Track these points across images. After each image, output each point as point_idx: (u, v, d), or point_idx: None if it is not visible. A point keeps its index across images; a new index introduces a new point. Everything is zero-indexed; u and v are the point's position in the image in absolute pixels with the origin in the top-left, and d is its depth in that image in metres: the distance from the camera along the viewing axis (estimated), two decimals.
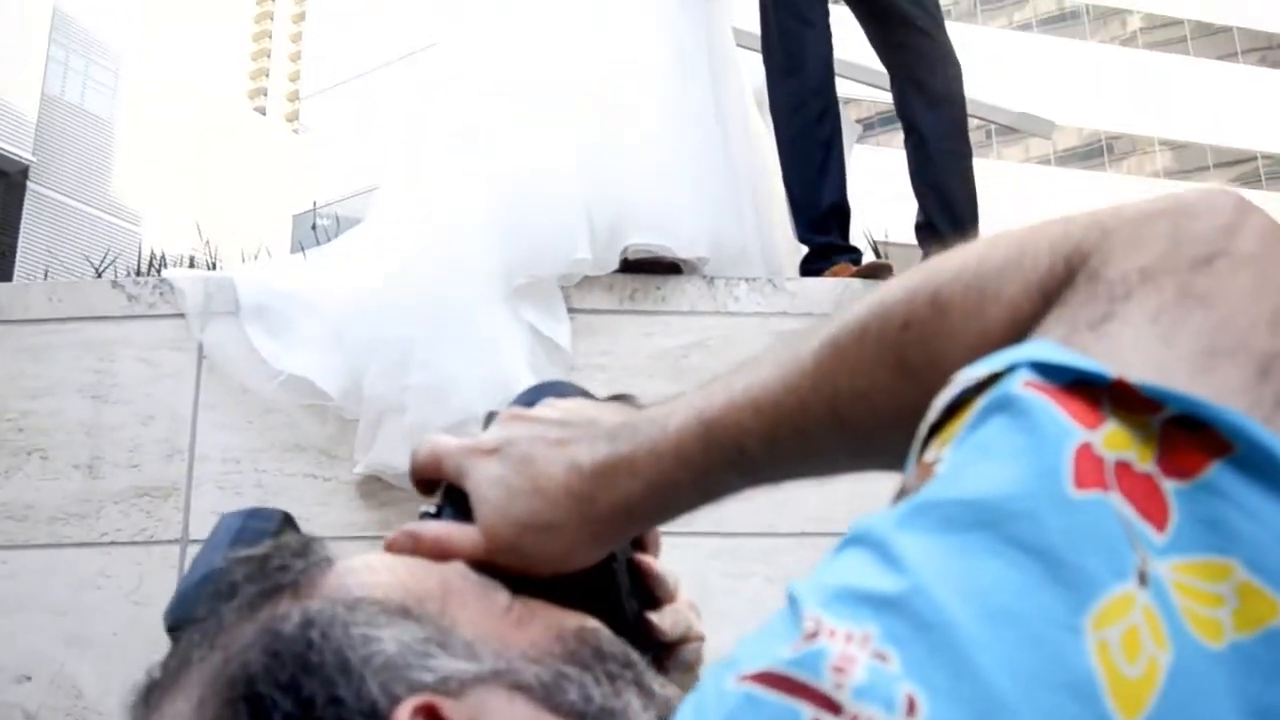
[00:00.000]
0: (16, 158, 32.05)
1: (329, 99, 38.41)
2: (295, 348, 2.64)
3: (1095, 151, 31.73)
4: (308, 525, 2.19)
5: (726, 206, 3.06)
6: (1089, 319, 0.48)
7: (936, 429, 0.46)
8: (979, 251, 0.57)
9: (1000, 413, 0.43)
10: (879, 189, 3.35)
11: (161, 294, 2.76)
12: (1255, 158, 32.51)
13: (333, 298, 2.72)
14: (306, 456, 2.64)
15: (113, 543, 2.58)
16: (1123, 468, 0.41)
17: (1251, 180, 32.25)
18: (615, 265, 2.82)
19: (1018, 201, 28.11)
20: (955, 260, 0.57)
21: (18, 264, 31.02)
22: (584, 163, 2.85)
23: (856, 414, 0.60)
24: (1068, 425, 0.42)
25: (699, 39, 3.25)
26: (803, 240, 3.39)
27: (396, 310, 2.66)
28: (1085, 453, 0.41)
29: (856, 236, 5.58)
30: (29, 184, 32.71)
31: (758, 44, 3.65)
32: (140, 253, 4.92)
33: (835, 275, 3.10)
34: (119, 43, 37.92)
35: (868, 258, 3.60)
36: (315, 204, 36.36)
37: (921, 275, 0.58)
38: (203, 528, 2.59)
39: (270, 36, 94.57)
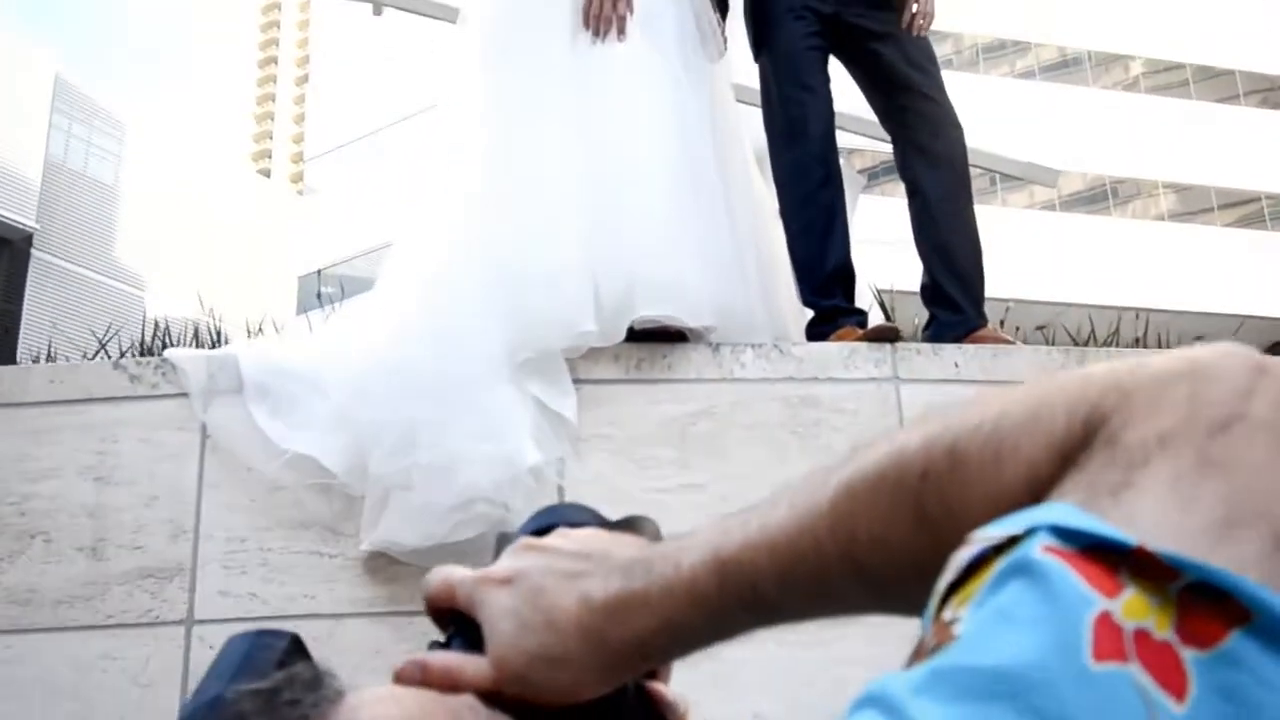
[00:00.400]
0: (20, 225, 32.26)
1: (333, 161, 38.63)
2: (299, 426, 2.62)
3: (1100, 196, 31.77)
4: (313, 603, 2.18)
5: (732, 273, 3.04)
6: (1109, 484, 0.48)
7: (955, 586, 0.46)
8: (999, 406, 0.56)
9: (1019, 577, 0.43)
10: (883, 236, 3.38)
11: (164, 374, 2.74)
12: (1260, 199, 32.53)
13: (337, 376, 2.70)
14: (312, 534, 2.62)
15: (118, 625, 2.55)
16: (1141, 636, 0.41)
17: (1256, 221, 32.32)
18: (621, 337, 2.80)
19: (1022, 247, 28.31)
20: (975, 412, 0.57)
21: (22, 330, 31.18)
22: (588, 232, 2.84)
23: (872, 560, 0.59)
24: (1086, 593, 0.42)
25: (702, 102, 3.25)
26: (808, 304, 3.39)
27: (400, 389, 2.63)
28: (1104, 622, 0.41)
29: (862, 288, 5.58)
30: (33, 251, 32.90)
31: (757, 99, 3.66)
32: (144, 322, 4.90)
33: (841, 339, 3.10)
34: (122, 109, 38.21)
35: (874, 313, 3.61)
36: (320, 271, 36.55)
37: (940, 424, 0.57)
38: (209, 608, 2.57)
39: (274, 99, 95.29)
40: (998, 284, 3.55)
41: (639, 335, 2.85)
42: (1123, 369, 0.53)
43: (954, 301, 3.37)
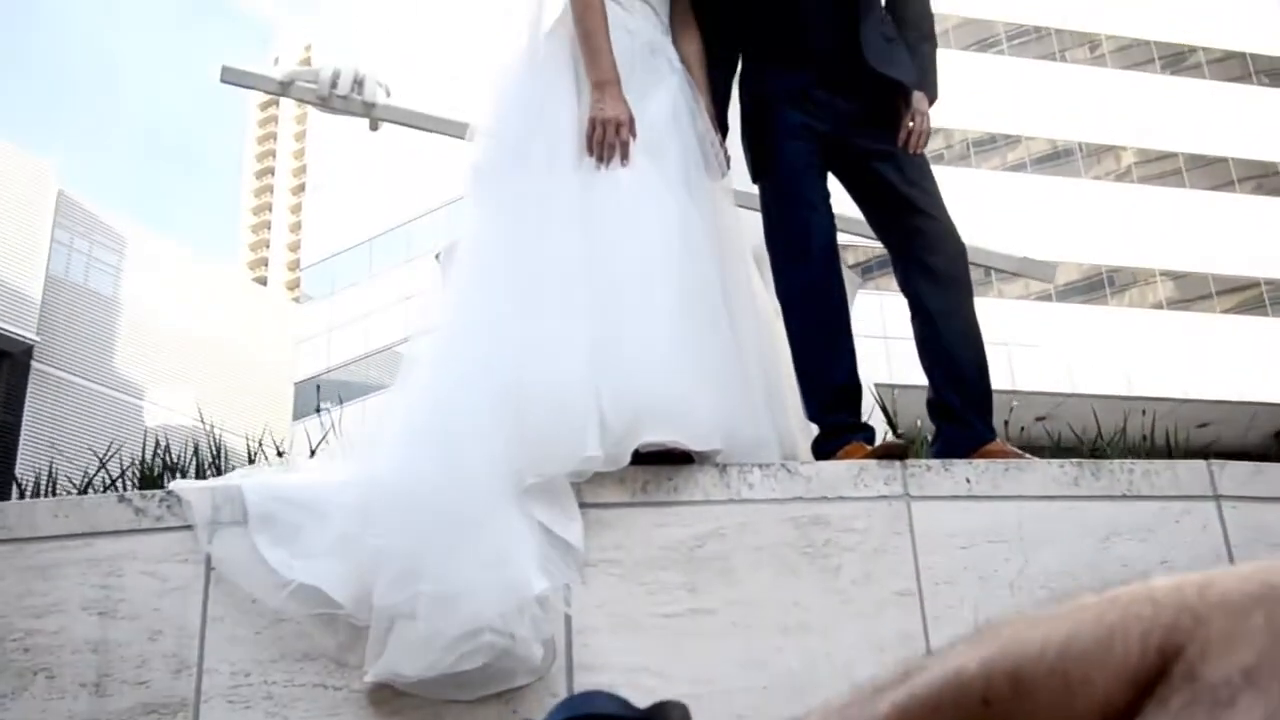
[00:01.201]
0: (21, 338, 32.51)
1: (329, 268, 38.88)
2: (304, 555, 2.60)
3: (1096, 285, 31.94)
4: None
5: (738, 395, 3.03)
6: None
7: None
8: (1064, 629, 0.55)
9: None
10: (882, 331, 3.37)
11: (169, 506, 2.72)
12: (1259, 284, 32.69)
13: (341, 502, 2.68)
14: (317, 666, 2.58)
15: None
16: None
17: (1255, 306, 32.46)
18: (626, 461, 2.78)
19: (1020, 338, 28.40)
20: (1037, 636, 0.55)
21: (22, 440, 31.21)
22: (593, 356, 2.83)
23: None
24: None
25: (706, 224, 3.25)
26: (814, 420, 3.38)
27: (405, 516, 2.62)
28: None
29: (864, 387, 5.54)
30: (33, 363, 33.08)
31: (754, 202, 3.68)
32: (144, 436, 4.90)
33: (849, 456, 3.08)
34: (122, 223, 38.63)
35: (875, 415, 3.59)
36: (317, 377, 36.62)
37: (998, 646, 0.55)
38: None
39: (270, 209, 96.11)
40: (997, 377, 3.55)
41: (645, 458, 2.83)
42: (1190, 589, 0.52)
43: (962, 416, 3.36)
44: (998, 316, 27.83)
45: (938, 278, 3.42)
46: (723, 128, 3.61)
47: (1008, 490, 2.89)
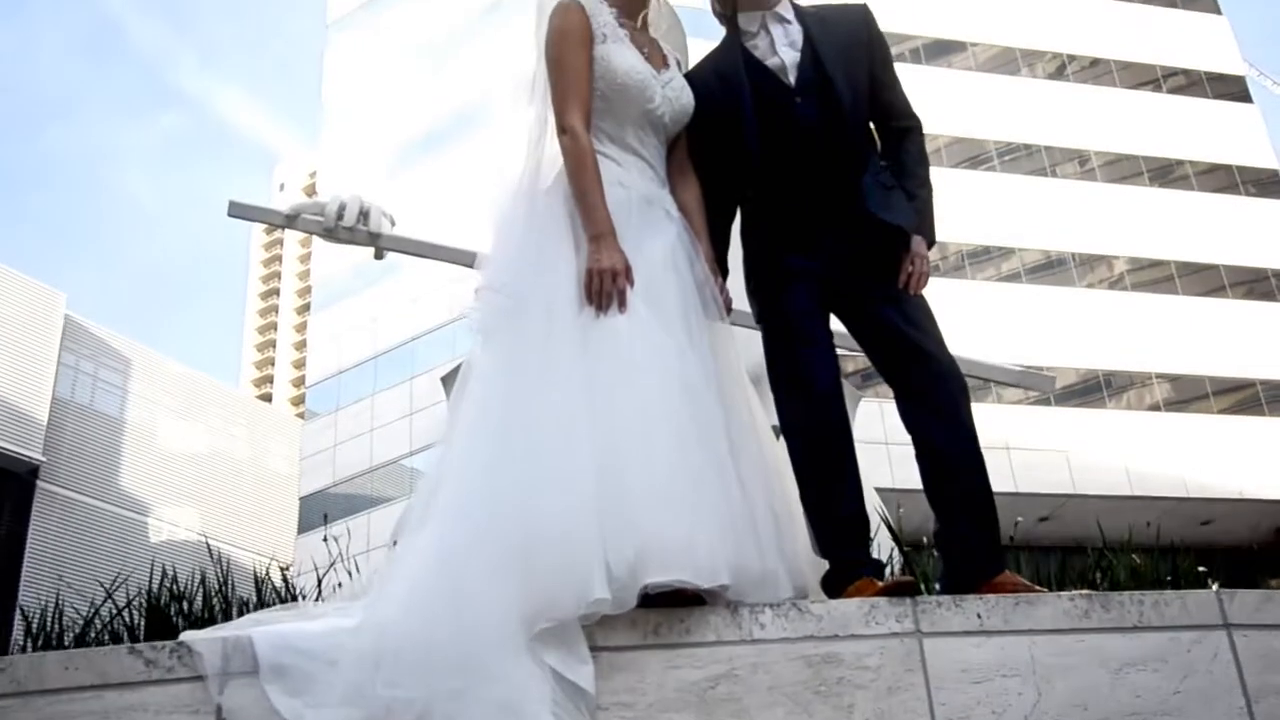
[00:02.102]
0: (26, 459, 32.63)
1: (334, 385, 39.01)
2: (317, 706, 2.59)
3: (1094, 387, 32.02)
4: None
5: (745, 531, 3.01)
6: None
7: None
8: None
9: None
10: (884, 437, 3.41)
11: (179, 657, 2.71)
12: (1254, 384, 32.81)
13: (352, 652, 2.67)
14: None
15: None
16: None
17: (1252, 406, 32.52)
18: (634, 603, 2.77)
19: (1020, 440, 28.38)
20: None
21: (27, 559, 31.14)
22: (598, 499, 2.83)
23: None
24: None
25: (706, 366, 3.27)
26: (823, 556, 3.36)
27: (415, 669, 2.62)
28: None
29: (869, 486, 5.49)
30: (38, 483, 33.21)
31: (750, 320, 3.72)
32: (151, 571, 4.85)
33: (859, 594, 3.08)
34: (127, 346, 38.98)
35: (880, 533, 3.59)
36: (322, 491, 36.58)
37: None
38: None
39: (275, 329, 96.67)
40: (999, 480, 3.54)
41: (656, 599, 2.82)
42: None
43: (970, 550, 3.34)
44: (998, 420, 27.93)
45: (940, 414, 3.42)
46: (723, 271, 3.67)
47: (1019, 625, 2.87)
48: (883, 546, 4.24)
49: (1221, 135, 37.38)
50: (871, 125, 3.79)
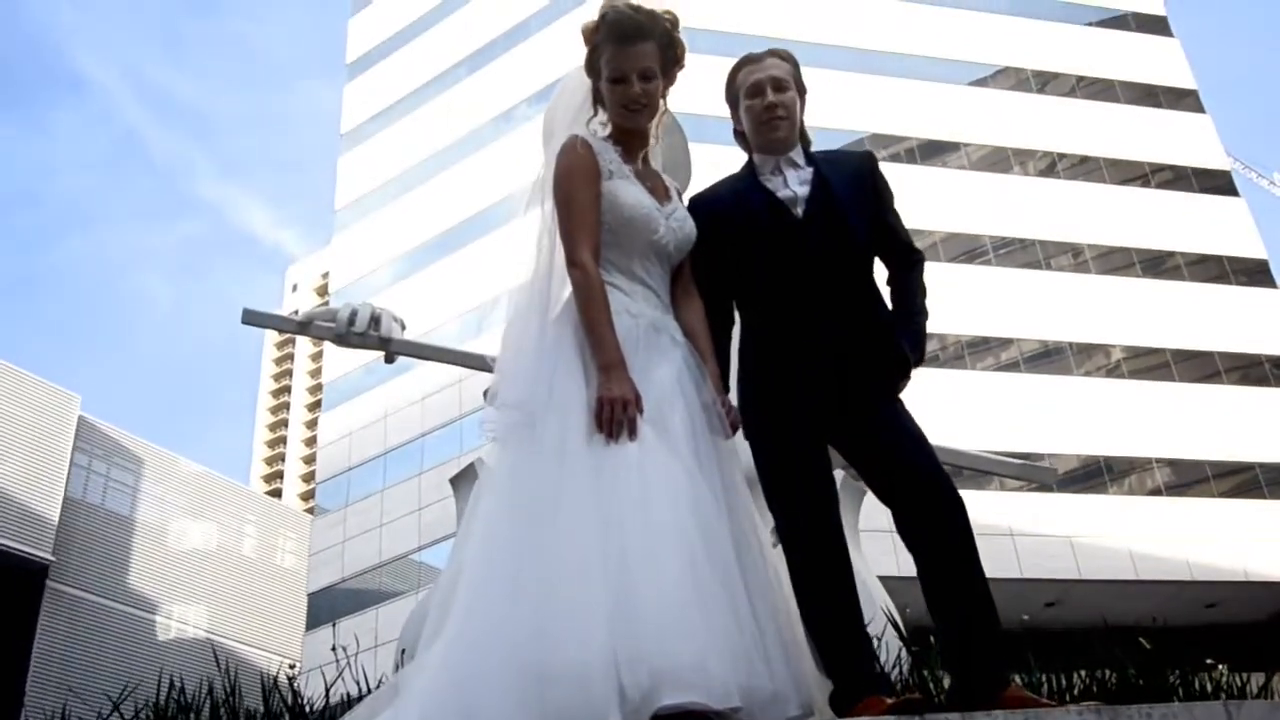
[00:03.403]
0: (36, 558, 32.68)
1: (344, 480, 39.12)
2: None
3: (1095, 473, 31.97)
4: None
5: (753, 649, 3.02)
6: None
7: None
8: None
9: None
10: (890, 525, 3.42)
11: None
12: (1254, 467, 32.90)
13: None
14: None
15: None
16: None
17: (1252, 489, 32.62)
18: None
19: (1023, 527, 28.42)
20: None
21: (33, 659, 31.04)
22: (610, 624, 2.85)
23: None
24: None
25: (714, 487, 3.33)
26: (828, 675, 3.35)
27: None
28: None
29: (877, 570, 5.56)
30: (48, 582, 33.23)
31: None
32: (160, 681, 4.80)
33: (867, 712, 3.11)
34: (139, 446, 39.12)
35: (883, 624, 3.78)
36: (331, 587, 36.54)
37: None
38: None
39: (286, 425, 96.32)
40: (1004, 566, 3.62)
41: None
42: None
43: (975, 666, 3.30)
44: (1001, 507, 27.92)
45: (941, 534, 3.42)
46: (726, 387, 3.72)
47: None
48: (889, 645, 4.32)
49: (1210, 227, 37.77)
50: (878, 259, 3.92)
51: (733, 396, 3.72)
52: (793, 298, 3.68)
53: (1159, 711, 2.90)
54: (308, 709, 4.81)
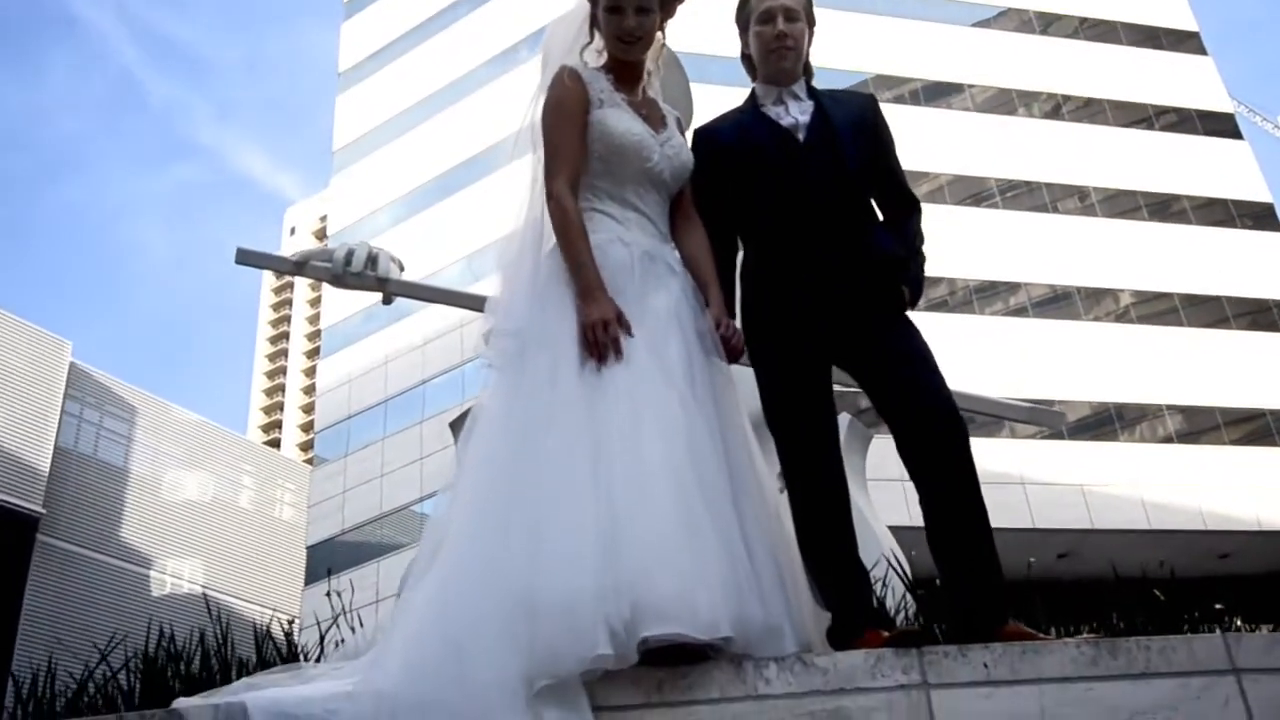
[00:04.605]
0: (27, 511, 32.39)
1: (343, 429, 38.95)
2: None
3: (1105, 420, 31.89)
4: None
5: (746, 581, 3.00)
6: None
7: None
8: None
9: None
10: (900, 475, 3.43)
11: None
12: (1264, 414, 32.74)
13: (352, 713, 2.63)
14: None
15: None
16: None
17: (1264, 437, 32.44)
18: (635, 659, 2.74)
19: (1034, 476, 28.32)
20: None
21: (22, 616, 30.87)
22: (600, 554, 2.83)
23: None
24: None
25: (709, 418, 3.31)
26: (827, 609, 3.36)
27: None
28: None
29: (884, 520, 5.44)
30: (38, 536, 32.94)
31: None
32: (149, 630, 4.67)
33: (865, 645, 3.04)
34: (133, 394, 38.86)
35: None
36: (330, 539, 36.44)
37: None
38: None
39: (284, 373, 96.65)
40: (1016, 516, 3.51)
41: (659, 656, 2.79)
42: None
43: (974, 602, 3.32)
44: (1012, 456, 27.91)
45: (940, 463, 3.43)
46: (732, 313, 3.77)
47: (1026, 674, 2.83)
48: (894, 589, 4.30)
49: (1215, 170, 37.85)
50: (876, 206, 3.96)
51: (738, 323, 3.78)
52: (793, 224, 3.72)
53: (1157, 644, 2.91)
54: (303, 659, 4.66)
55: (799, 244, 3.69)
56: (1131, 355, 32.99)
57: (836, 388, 3.69)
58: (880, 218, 3.94)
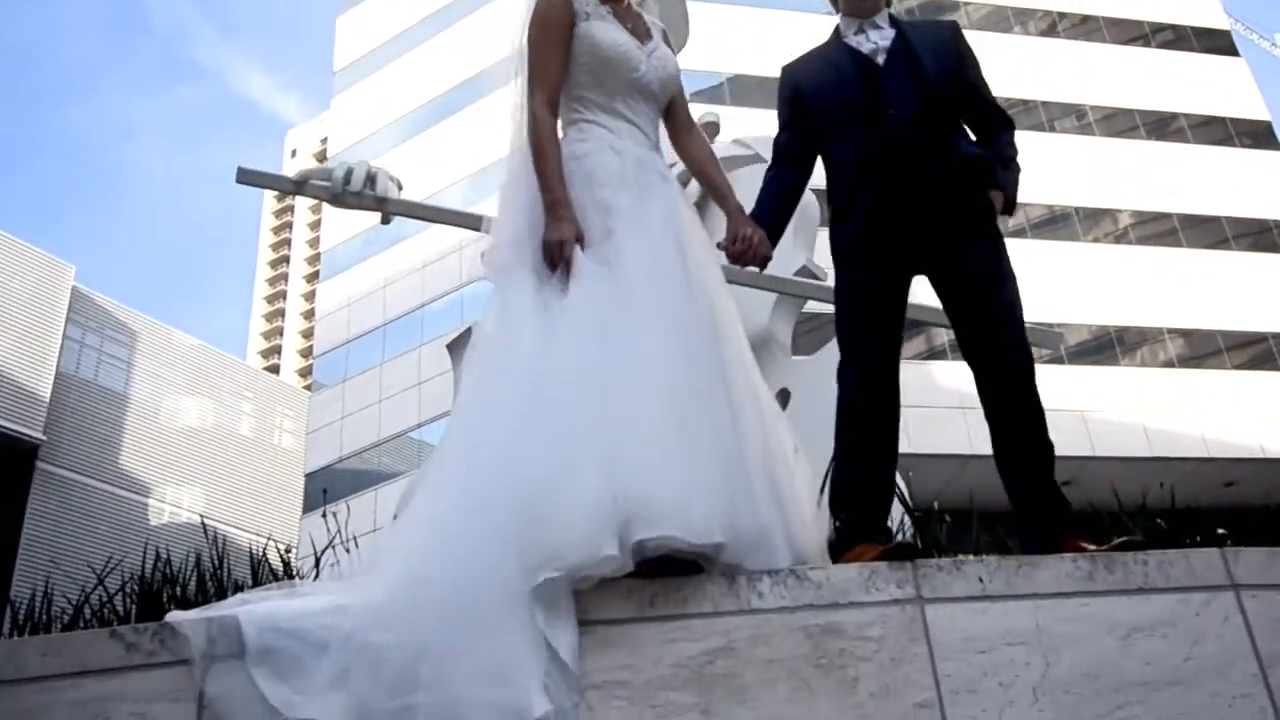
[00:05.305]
0: (27, 437, 32.35)
1: (342, 354, 38.94)
2: (304, 692, 2.51)
3: (1106, 344, 31.80)
4: None
5: (740, 486, 3.01)
6: None
7: None
8: None
9: None
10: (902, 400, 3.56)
11: (161, 640, 2.64)
12: (1267, 338, 32.66)
13: (342, 632, 2.60)
14: None
15: None
16: None
17: (1267, 362, 32.37)
18: (630, 565, 2.74)
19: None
20: None
21: (21, 544, 30.96)
22: (597, 455, 2.85)
23: None
24: None
25: (703, 318, 3.36)
26: (834, 516, 3.50)
27: (411, 618, 2.60)
28: None
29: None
30: (38, 463, 32.91)
31: (757, 281, 4.01)
32: (145, 553, 4.69)
33: (858, 558, 3.05)
34: (133, 318, 38.76)
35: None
36: (329, 466, 36.52)
37: None
38: None
39: (284, 298, 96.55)
40: None
41: (653, 568, 2.79)
42: None
43: (1039, 520, 3.53)
44: None
45: (1008, 391, 3.64)
46: (775, 235, 3.94)
47: (1022, 589, 2.82)
48: (894, 514, 4.28)
49: (1213, 89, 37.59)
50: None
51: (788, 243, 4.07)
52: (875, 142, 3.80)
53: (1154, 559, 2.92)
54: (297, 582, 4.54)
55: (881, 161, 3.78)
56: (1131, 277, 32.85)
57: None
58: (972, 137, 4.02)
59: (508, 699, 2.47)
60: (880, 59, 3.93)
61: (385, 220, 7.07)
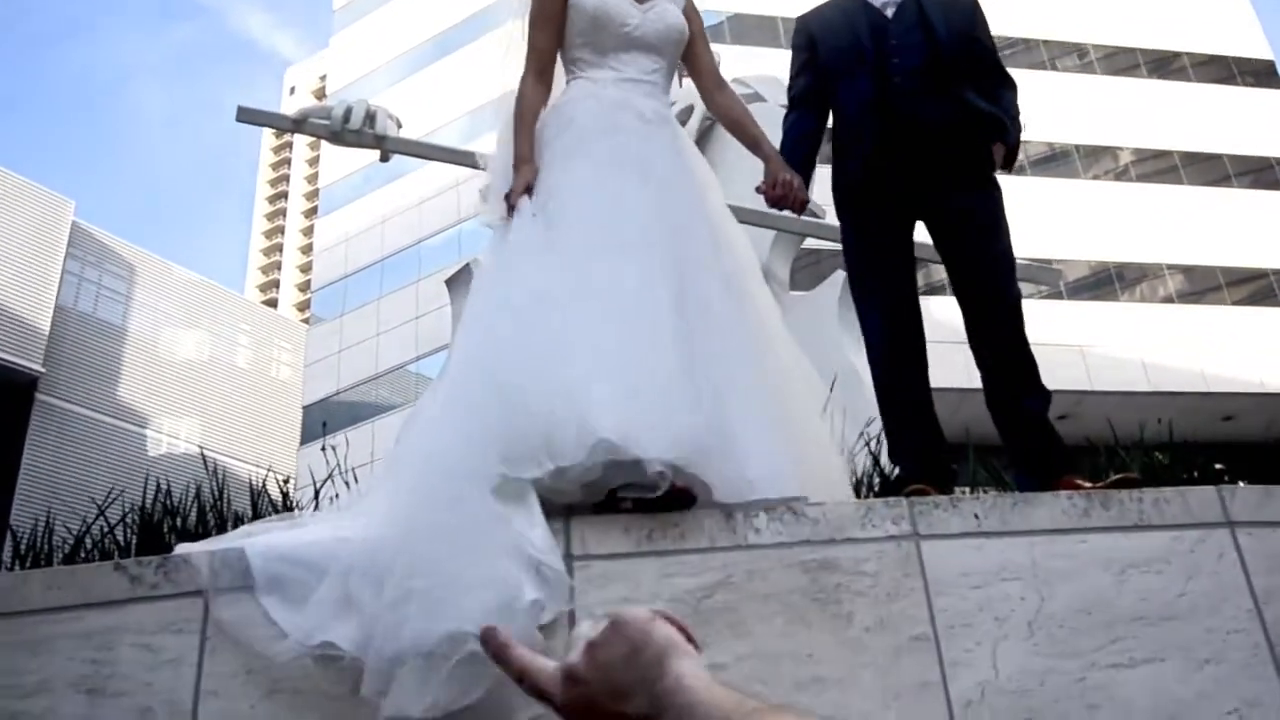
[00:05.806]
0: (26, 369, 32.38)
1: (340, 289, 38.92)
2: (314, 616, 2.53)
3: (1105, 280, 31.75)
4: None
5: (710, 416, 2.99)
6: None
7: None
8: None
9: None
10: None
11: (165, 573, 2.66)
12: (1268, 274, 32.62)
13: (343, 560, 2.62)
14: None
15: None
16: None
17: (1266, 298, 32.37)
18: (599, 472, 2.77)
19: (1034, 337, 28.27)
20: None
21: (20, 475, 31.03)
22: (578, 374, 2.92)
23: None
24: None
25: (702, 247, 3.45)
26: (898, 466, 3.87)
27: (404, 530, 2.62)
28: None
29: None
30: (37, 395, 32.96)
31: (759, 219, 3.92)
32: (146, 479, 4.85)
33: (919, 494, 3.20)
34: (132, 252, 38.68)
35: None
36: (326, 399, 36.55)
37: None
38: None
39: (282, 233, 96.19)
40: None
41: (650, 504, 2.79)
42: None
43: (1031, 464, 3.74)
44: None
45: (996, 338, 3.83)
46: (807, 178, 4.10)
47: (1018, 525, 2.84)
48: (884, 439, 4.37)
49: (1215, 26, 37.33)
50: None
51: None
52: (880, 90, 3.98)
53: (1150, 496, 2.94)
54: (297, 513, 4.70)
55: (882, 109, 3.95)
56: (1131, 214, 32.73)
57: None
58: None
59: (497, 576, 2.51)
60: (889, 11, 4.08)
61: (384, 158, 7.15)
